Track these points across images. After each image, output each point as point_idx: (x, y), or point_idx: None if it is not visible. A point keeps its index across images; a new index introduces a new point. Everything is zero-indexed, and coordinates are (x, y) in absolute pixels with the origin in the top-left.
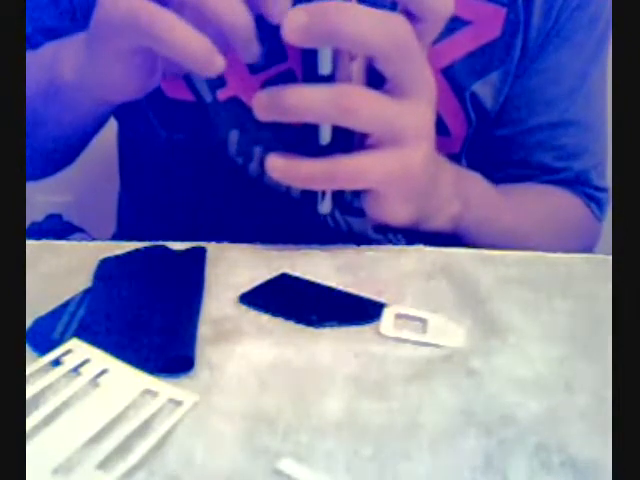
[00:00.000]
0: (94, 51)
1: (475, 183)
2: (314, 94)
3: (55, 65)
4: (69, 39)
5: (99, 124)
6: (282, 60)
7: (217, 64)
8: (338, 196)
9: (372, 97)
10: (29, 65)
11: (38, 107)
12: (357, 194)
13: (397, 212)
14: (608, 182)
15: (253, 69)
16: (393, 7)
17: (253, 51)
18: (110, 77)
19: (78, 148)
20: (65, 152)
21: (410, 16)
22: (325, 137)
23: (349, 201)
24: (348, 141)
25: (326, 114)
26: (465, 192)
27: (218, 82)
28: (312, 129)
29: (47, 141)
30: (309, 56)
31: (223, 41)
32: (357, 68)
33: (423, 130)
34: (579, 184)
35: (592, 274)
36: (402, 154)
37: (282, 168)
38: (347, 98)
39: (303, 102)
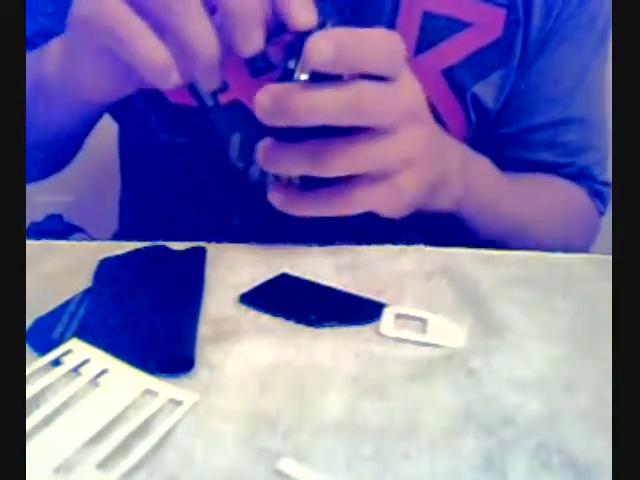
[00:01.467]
0: (69, 49)
1: (481, 164)
2: (325, 96)
3: (39, 66)
4: (53, 40)
5: (86, 126)
6: (284, 63)
7: (171, 80)
8: None
9: (382, 93)
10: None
11: (28, 108)
12: None
13: (413, 184)
14: (610, 177)
15: (255, 73)
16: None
17: (213, 79)
18: (85, 76)
19: (70, 149)
20: (54, 156)
21: None
22: None
23: None
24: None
25: (340, 116)
26: (470, 171)
27: (220, 86)
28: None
29: (38, 143)
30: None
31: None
32: None
33: (420, 110)
34: (583, 179)
35: (592, 274)
36: (392, 184)
37: (282, 202)
38: (363, 99)
39: (313, 104)
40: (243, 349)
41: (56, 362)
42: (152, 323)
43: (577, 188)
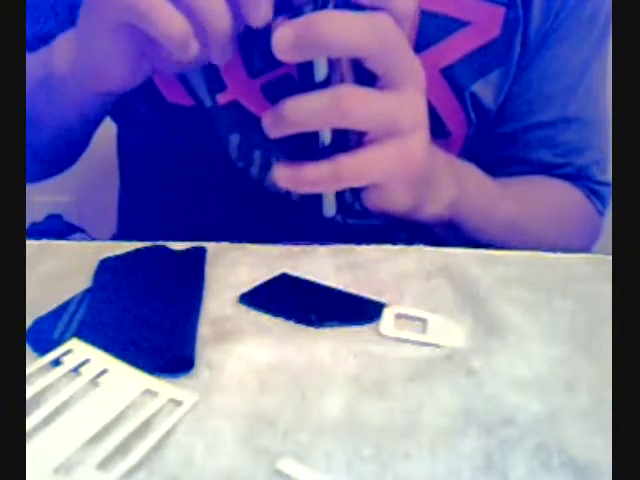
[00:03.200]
0: (84, 35)
1: (469, 171)
2: (311, 102)
3: (48, 60)
4: (61, 35)
5: (94, 123)
6: (281, 64)
7: (191, 49)
8: (339, 198)
9: (367, 95)
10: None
11: (36, 106)
12: (358, 196)
13: (397, 200)
14: (610, 177)
15: (253, 73)
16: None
17: (225, 53)
18: (100, 62)
19: (77, 148)
20: (64, 152)
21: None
22: (325, 139)
23: (350, 203)
24: (346, 140)
25: (326, 119)
26: (460, 177)
27: (218, 86)
28: (311, 132)
29: (46, 141)
30: (303, 65)
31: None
32: (345, 68)
33: (418, 118)
34: (581, 179)
35: (592, 274)
36: (402, 145)
37: (288, 176)
38: (343, 100)
39: (302, 111)
40: (243, 349)
41: (56, 362)
42: (152, 323)
43: (573, 188)
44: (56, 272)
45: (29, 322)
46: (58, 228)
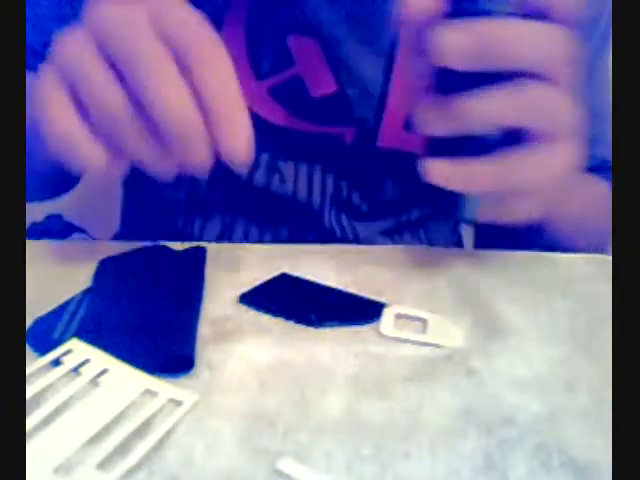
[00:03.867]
0: None
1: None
2: (492, 99)
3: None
4: None
5: None
6: (289, 65)
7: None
8: (346, 201)
9: (552, 92)
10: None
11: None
12: (366, 198)
13: (531, 211)
14: None
15: (260, 75)
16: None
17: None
18: None
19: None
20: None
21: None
22: (491, 135)
23: (357, 205)
24: (514, 137)
25: (506, 116)
26: (575, 187)
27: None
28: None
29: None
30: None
31: None
32: None
33: (577, 126)
34: (604, 170)
35: (592, 274)
36: (567, 151)
37: (448, 173)
38: (527, 95)
39: (480, 110)
40: (243, 349)
41: (56, 362)
42: (152, 323)
43: (604, 182)
44: (56, 272)
45: (29, 322)
46: (58, 228)
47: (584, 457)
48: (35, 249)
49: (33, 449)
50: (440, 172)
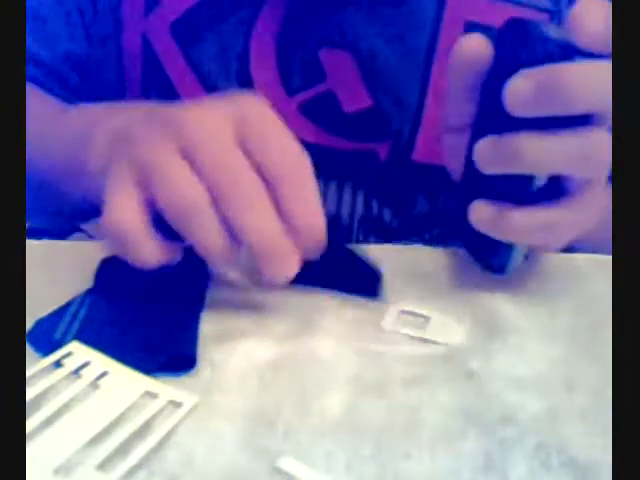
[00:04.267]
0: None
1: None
2: (556, 143)
3: (81, 150)
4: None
5: None
6: (320, 80)
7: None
8: (377, 218)
9: (607, 139)
10: (50, 139)
11: (52, 183)
12: (398, 214)
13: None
14: None
15: (290, 90)
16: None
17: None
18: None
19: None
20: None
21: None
22: (540, 182)
23: (388, 222)
24: (561, 186)
25: (569, 165)
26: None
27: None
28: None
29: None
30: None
31: None
32: None
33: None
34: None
35: (592, 274)
36: (606, 195)
37: (492, 219)
38: (596, 149)
39: (544, 152)
40: (245, 348)
41: (57, 364)
42: (154, 322)
43: None
44: (57, 272)
45: (30, 323)
46: (58, 228)
47: (584, 457)
48: (35, 249)
49: (33, 450)
50: (482, 216)
